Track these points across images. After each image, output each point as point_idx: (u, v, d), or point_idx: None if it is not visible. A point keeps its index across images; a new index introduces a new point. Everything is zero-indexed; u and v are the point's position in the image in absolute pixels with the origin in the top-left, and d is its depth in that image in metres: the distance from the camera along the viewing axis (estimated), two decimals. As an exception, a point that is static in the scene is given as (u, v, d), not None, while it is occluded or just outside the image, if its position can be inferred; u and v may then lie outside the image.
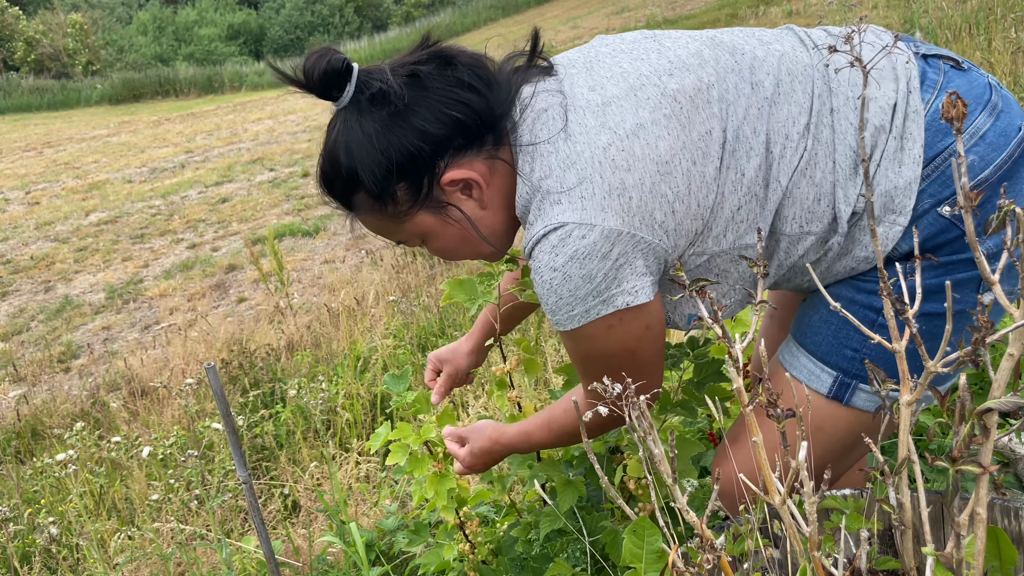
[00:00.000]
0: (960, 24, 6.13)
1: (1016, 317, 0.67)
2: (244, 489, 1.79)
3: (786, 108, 1.08)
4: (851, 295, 1.14)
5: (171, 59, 33.84)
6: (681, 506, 0.75)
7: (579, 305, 1.08)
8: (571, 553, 1.39)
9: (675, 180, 1.05)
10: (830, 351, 1.15)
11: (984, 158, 1.06)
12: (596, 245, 1.04)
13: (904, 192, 1.06)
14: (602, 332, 1.10)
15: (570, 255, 1.05)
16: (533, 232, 1.09)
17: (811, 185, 1.08)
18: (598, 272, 1.05)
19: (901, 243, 1.08)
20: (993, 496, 0.91)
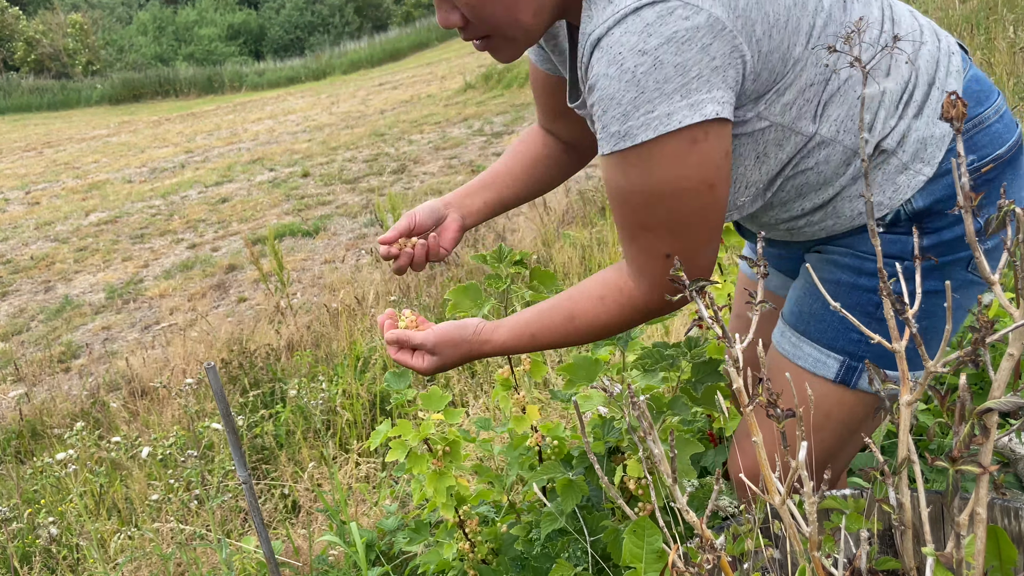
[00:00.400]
0: (960, 24, 6.13)
1: (1016, 317, 0.67)
2: (244, 489, 1.79)
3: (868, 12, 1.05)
4: (853, 280, 1.12)
5: (171, 59, 33.84)
6: (681, 506, 0.75)
7: (662, 104, 0.90)
8: (572, 553, 1.39)
9: (778, 5, 0.95)
10: (836, 337, 1.14)
11: (1001, 136, 1.07)
12: (699, 32, 0.89)
13: (937, 144, 1.05)
14: (684, 149, 0.93)
15: (667, 37, 0.88)
16: (615, 8, 0.91)
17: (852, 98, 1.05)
18: (694, 65, 0.89)
19: (916, 197, 1.06)
20: (993, 496, 0.91)
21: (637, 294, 1.07)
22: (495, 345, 1.16)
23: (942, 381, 1.58)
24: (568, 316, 1.11)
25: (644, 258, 1.03)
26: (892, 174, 1.06)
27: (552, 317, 1.12)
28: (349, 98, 17.76)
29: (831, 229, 1.12)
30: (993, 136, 1.07)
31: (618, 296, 1.08)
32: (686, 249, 1.01)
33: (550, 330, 1.13)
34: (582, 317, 1.11)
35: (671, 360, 1.45)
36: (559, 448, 1.53)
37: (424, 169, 9.63)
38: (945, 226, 1.07)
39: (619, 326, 1.10)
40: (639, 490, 1.39)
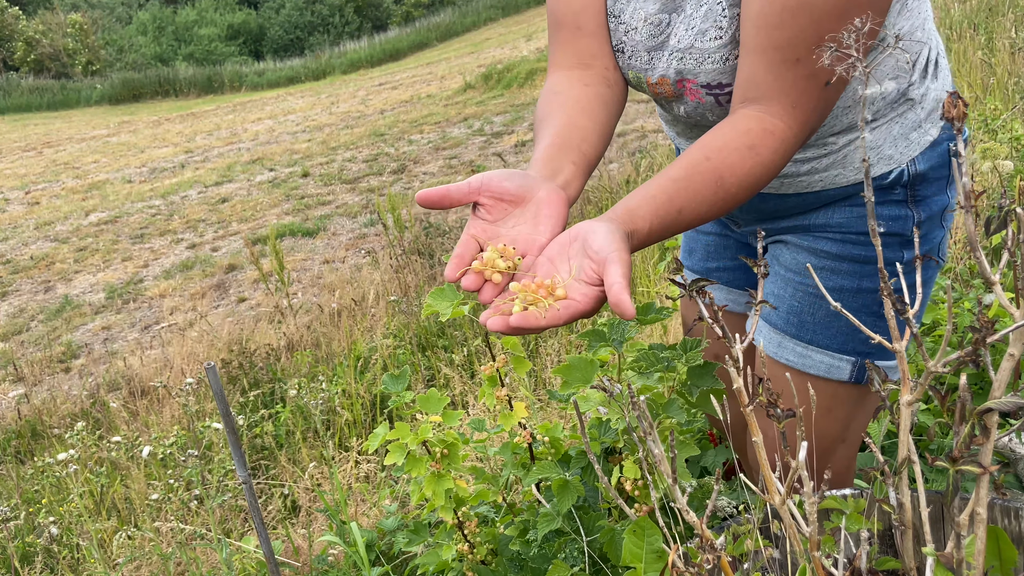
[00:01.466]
0: (961, 23, 6.14)
1: (1016, 317, 0.67)
2: (244, 489, 1.79)
3: None
4: (856, 284, 1.13)
5: (171, 59, 33.84)
6: (681, 506, 0.75)
7: None
8: (568, 553, 1.39)
9: None
10: (847, 340, 1.14)
11: None
12: None
13: (938, 104, 1.08)
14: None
15: None
16: None
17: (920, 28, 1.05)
18: None
19: (920, 158, 1.08)
20: (993, 496, 0.91)
21: (791, 133, 0.94)
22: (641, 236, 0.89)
23: (942, 381, 1.58)
24: (717, 178, 0.92)
25: (805, 84, 0.92)
26: (908, 129, 1.07)
27: (697, 184, 0.92)
28: (349, 98, 17.76)
29: (834, 180, 1.10)
30: None
31: (771, 141, 0.93)
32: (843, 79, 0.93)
33: (699, 200, 0.92)
34: (732, 175, 0.92)
35: (667, 362, 1.45)
36: (554, 447, 1.53)
37: (424, 169, 9.64)
38: (932, 194, 1.09)
39: (772, 174, 0.95)
40: (635, 491, 1.39)
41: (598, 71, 1.11)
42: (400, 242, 5.93)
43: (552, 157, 0.98)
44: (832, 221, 1.12)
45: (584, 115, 1.05)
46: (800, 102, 0.93)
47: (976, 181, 2.89)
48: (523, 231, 0.90)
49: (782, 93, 0.93)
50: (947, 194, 1.11)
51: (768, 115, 0.94)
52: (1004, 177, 2.66)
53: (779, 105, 0.94)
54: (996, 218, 0.68)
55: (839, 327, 1.14)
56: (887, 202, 1.08)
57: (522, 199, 0.91)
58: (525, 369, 1.52)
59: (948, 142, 1.08)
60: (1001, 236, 0.94)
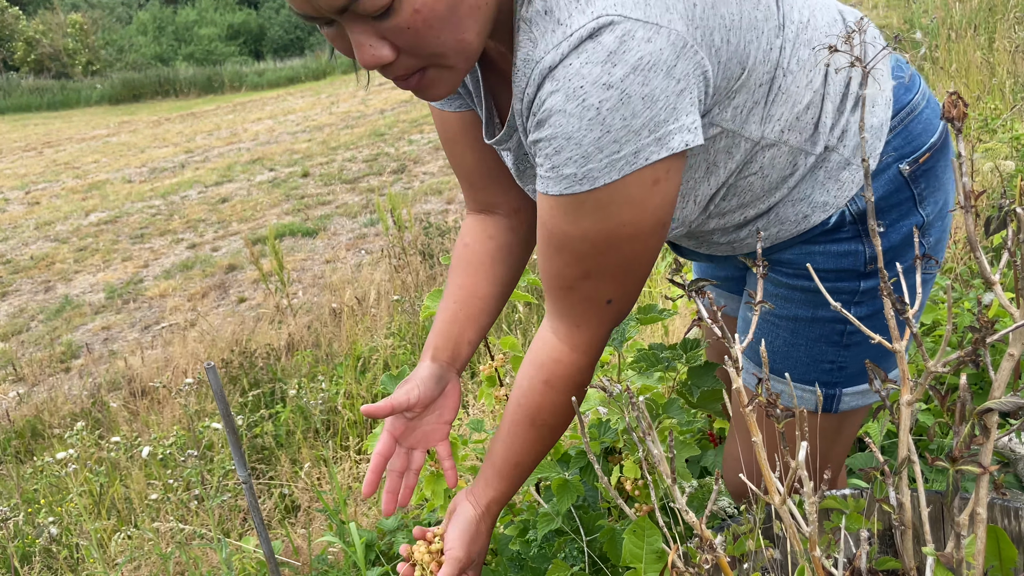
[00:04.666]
0: (961, 24, 6.13)
1: (1016, 317, 0.67)
2: (244, 489, 1.79)
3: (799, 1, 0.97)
4: (811, 313, 1.07)
5: (171, 59, 33.85)
6: (680, 506, 0.75)
7: (629, 144, 0.80)
8: (568, 553, 1.39)
9: (731, 6, 0.86)
10: (808, 370, 1.10)
11: (932, 121, 1.03)
12: (663, 54, 0.78)
13: (876, 133, 0.99)
14: (645, 191, 0.84)
15: (633, 65, 0.77)
16: (566, 30, 0.78)
17: (808, 88, 0.95)
18: (660, 94, 0.79)
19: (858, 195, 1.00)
20: (993, 496, 0.90)
21: (577, 356, 0.98)
22: (498, 501, 1.07)
23: (942, 381, 1.58)
24: (531, 421, 1.02)
25: (584, 308, 0.94)
26: (834, 171, 0.99)
27: (520, 434, 1.03)
28: (349, 98, 17.76)
29: (776, 237, 1.05)
30: (925, 123, 1.02)
31: (561, 371, 0.99)
32: (628, 292, 0.95)
33: (527, 446, 1.03)
34: (541, 414, 1.01)
35: (667, 362, 1.45)
36: (554, 447, 1.53)
37: (424, 169, 9.64)
38: (889, 223, 1.01)
39: (578, 398, 1.00)
40: (635, 491, 1.39)
41: (501, 217, 1.20)
42: (400, 242, 5.93)
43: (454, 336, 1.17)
44: (783, 258, 1.08)
45: (487, 280, 1.19)
46: (582, 322, 0.96)
47: (976, 181, 2.89)
48: (432, 423, 1.17)
49: (564, 315, 0.97)
50: (916, 215, 1.02)
51: (557, 339, 0.99)
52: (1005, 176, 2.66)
53: (564, 325, 0.97)
54: (996, 218, 0.68)
55: (798, 357, 1.10)
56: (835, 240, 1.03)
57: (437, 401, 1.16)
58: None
59: (896, 164, 1.00)
60: (1001, 236, 0.94)
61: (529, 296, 1.74)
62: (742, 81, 0.89)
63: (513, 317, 4.23)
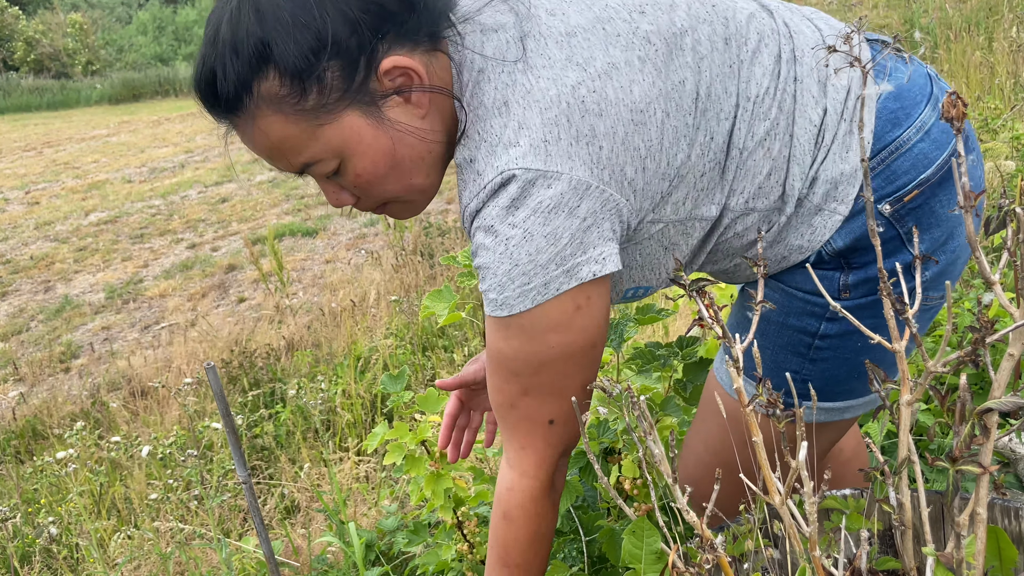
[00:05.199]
0: (960, 24, 6.13)
1: (1016, 317, 0.67)
2: (244, 489, 1.79)
3: (757, 70, 0.97)
4: (781, 319, 1.06)
5: (171, 59, 33.83)
6: (681, 506, 0.75)
7: (538, 276, 0.88)
8: (568, 553, 1.39)
9: (648, 132, 0.92)
10: (769, 373, 1.08)
11: (927, 156, 0.98)
12: (563, 197, 0.87)
13: (848, 180, 0.98)
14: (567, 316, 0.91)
15: (533, 208, 0.87)
16: (482, 181, 0.90)
17: (767, 158, 0.97)
18: (564, 232, 0.88)
19: (835, 237, 0.99)
20: (993, 496, 0.90)
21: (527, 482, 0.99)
22: None
23: (942, 381, 1.58)
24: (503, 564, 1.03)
25: (526, 429, 0.98)
26: (806, 217, 0.99)
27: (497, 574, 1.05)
28: (349, 98, 17.74)
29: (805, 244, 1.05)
30: (915, 159, 0.97)
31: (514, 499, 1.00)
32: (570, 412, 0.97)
33: None
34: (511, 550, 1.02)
35: (663, 360, 1.44)
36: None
37: (424, 169, 9.63)
38: (870, 261, 1.00)
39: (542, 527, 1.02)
40: (634, 490, 1.39)
41: None
42: (400, 242, 5.93)
43: None
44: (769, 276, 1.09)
45: None
46: (527, 443, 0.98)
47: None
48: None
49: (510, 438, 0.99)
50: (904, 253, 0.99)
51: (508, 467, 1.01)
52: (1005, 177, 2.66)
53: (512, 450, 1.00)
54: (996, 218, 0.68)
55: (763, 359, 1.08)
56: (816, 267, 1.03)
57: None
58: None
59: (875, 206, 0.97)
60: (1001, 236, 0.94)
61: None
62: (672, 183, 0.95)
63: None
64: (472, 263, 0.95)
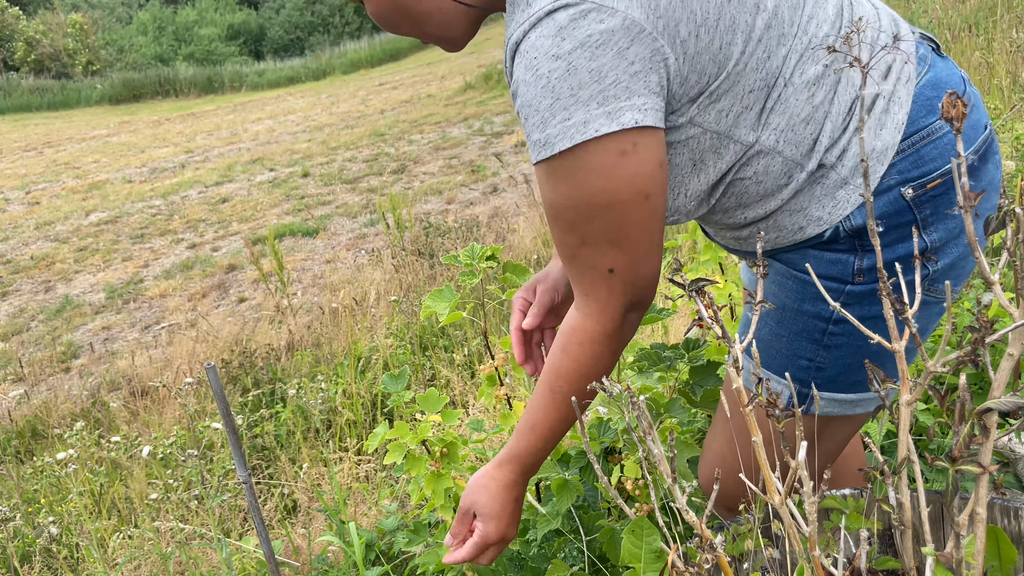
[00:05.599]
0: (960, 24, 6.14)
1: (1016, 317, 0.67)
2: (244, 489, 1.79)
3: (820, 13, 0.97)
4: (797, 305, 1.06)
5: (171, 59, 33.84)
6: (680, 506, 0.75)
7: (578, 111, 0.87)
8: (568, 553, 1.39)
9: (706, 3, 0.90)
10: (785, 364, 1.09)
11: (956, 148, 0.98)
12: (614, 36, 0.85)
13: (878, 157, 0.98)
14: (611, 162, 0.89)
15: (581, 40, 0.85)
16: (531, 10, 0.88)
17: (809, 103, 0.97)
18: (610, 71, 0.86)
19: (856, 213, 0.99)
20: (993, 496, 0.90)
21: (589, 324, 1.01)
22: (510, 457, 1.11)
23: (942, 381, 1.58)
24: (549, 388, 1.06)
25: (588, 278, 0.99)
26: (831, 188, 1.00)
27: (537, 399, 1.08)
28: (349, 98, 17.76)
29: (775, 242, 1.06)
30: (944, 148, 0.99)
31: (576, 337, 1.02)
32: (629, 262, 0.97)
33: (542, 410, 1.07)
34: (559, 380, 1.05)
35: (669, 362, 1.45)
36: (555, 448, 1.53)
37: (424, 169, 9.64)
38: (886, 244, 1.00)
39: (594, 367, 1.04)
40: (636, 490, 1.39)
41: None
42: (400, 242, 5.93)
43: None
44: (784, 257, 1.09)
45: None
46: (590, 291, 0.99)
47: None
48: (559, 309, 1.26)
49: (576, 284, 1.01)
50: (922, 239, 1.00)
51: (575, 309, 1.03)
52: (1005, 177, 2.66)
53: (578, 295, 1.02)
54: (995, 218, 0.68)
55: (780, 348, 1.09)
56: (831, 249, 1.03)
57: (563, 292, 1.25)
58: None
59: (899, 187, 0.98)
60: (1000, 236, 0.94)
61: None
62: (723, 83, 0.93)
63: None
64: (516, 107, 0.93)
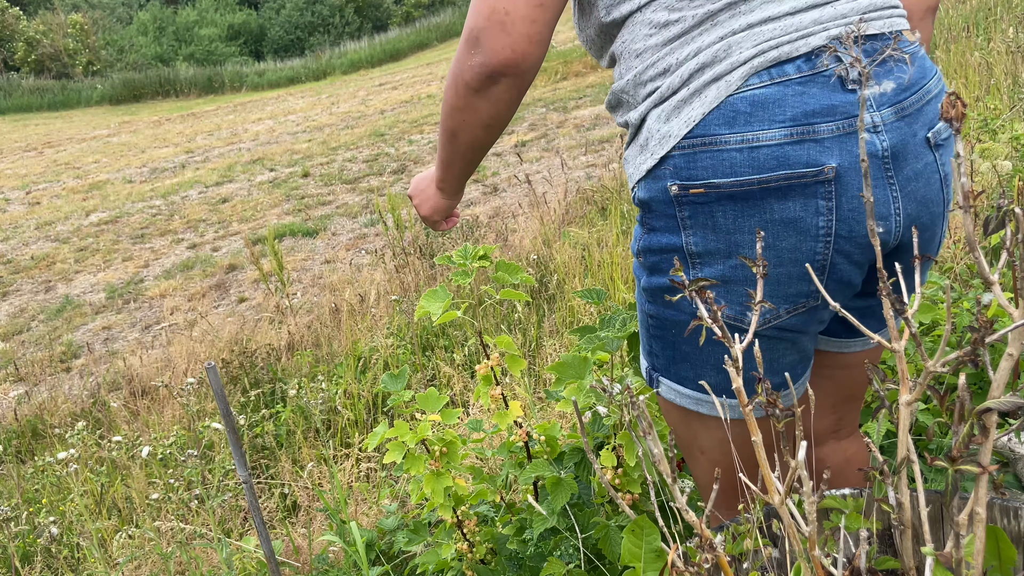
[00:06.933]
0: (959, 24, 6.14)
1: (1015, 317, 0.67)
2: (244, 488, 1.79)
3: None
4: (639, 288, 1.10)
5: (171, 59, 33.85)
6: (680, 506, 0.75)
7: None
8: (564, 551, 1.39)
9: None
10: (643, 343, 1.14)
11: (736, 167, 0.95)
12: None
13: (660, 141, 0.98)
14: None
15: None
16: None
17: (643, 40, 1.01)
18: None
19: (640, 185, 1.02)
20: (992, 496, 0.91)
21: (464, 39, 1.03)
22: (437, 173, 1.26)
23: (941, 381, 1.58)
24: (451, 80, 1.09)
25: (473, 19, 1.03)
26: (635, 151, 1.03)
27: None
28: (349, 98, 17.76)
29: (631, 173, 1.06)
30: (719, 162, 0.95)
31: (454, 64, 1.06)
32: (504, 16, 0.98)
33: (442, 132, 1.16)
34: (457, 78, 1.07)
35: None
36: (550, 446, 1.53)
37: (424, 169, 9.64)
38: (658, 228, 1.01)
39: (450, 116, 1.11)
40: (615, 479, 1.40)
41: None
42: (400, 242, 5.93)
43: None
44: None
45: None
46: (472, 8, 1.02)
47: (975, 181, 2.89)
48: None
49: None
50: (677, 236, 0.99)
51: None
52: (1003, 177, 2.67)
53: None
54: (994, 218, 0.68)
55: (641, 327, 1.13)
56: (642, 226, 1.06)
57: None
58: (520, 367, 1.52)
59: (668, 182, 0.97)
60: (1000, 236, 0.95)
61: (527, 296, 1.75)
62: None
63: (512, 317, 4.23)
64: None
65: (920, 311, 1.79)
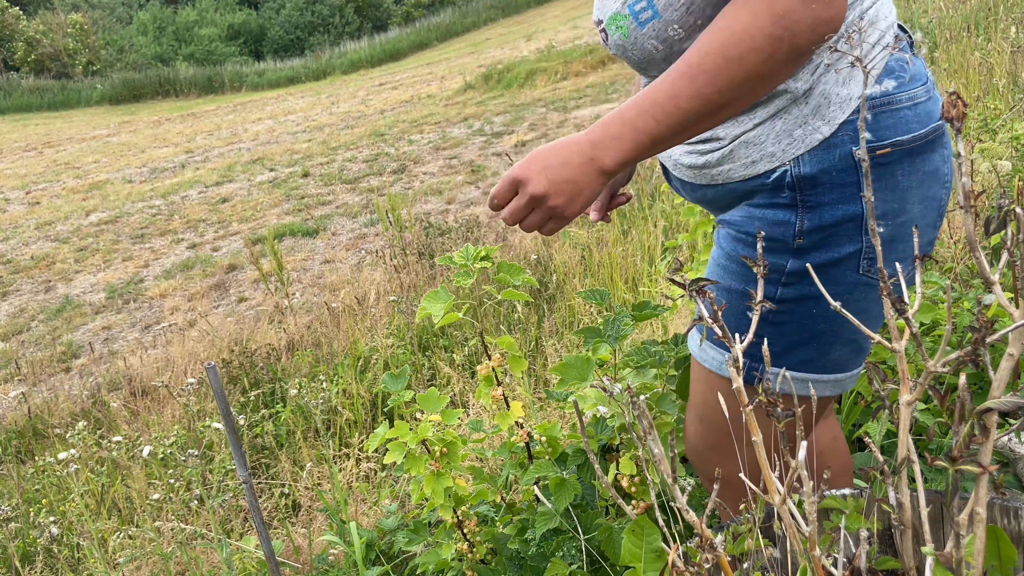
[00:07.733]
0: (959, 24, 6.14)
1: (1016, 317, 0.67)
2: (244, 488, 1.79)
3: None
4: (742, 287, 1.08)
5: (171, 59, 33.85)
6: (680, 505, 0.75)
7: None
8: (567, 551, 1.39)
9: None
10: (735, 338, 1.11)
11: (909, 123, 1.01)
12: None
13: (839, 105, 0.99)
14: None
15: None
16: None
17: None
18: None
19: (806, 158, 1.00)
20: (993, 496, 0.91)
21: None
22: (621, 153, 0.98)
23: (942, 381, 1.58)
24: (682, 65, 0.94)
25: None
26: (792, 125, 1.00)
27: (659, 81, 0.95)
28: (349, 98, 17.77)
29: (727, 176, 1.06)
30: (899, 120, 1.00)
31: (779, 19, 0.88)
32: None
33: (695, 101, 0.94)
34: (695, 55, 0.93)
35: (659, 357, 1.45)
36: (551, 446, 1.53)
37: (424, 169, 9.64)
38: (827, 203, 1.00)
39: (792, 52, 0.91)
40: (632, 487, 1.40)
41: None
42: (400, 242, 5.93)
43: None
44: (733, 219, 1.08)
45: None
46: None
47: (975, 181, 2.89)
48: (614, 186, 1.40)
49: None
50: (856, 204, 1.00)
51: None
52: (1003, 177, 2.67)
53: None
54: (995, 218, 0.68)
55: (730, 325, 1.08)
56: (773, 205, 1.03)
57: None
58: (521, 368, 1.52)
59: (853, 146, 0.99)
60: (1000, 236, 0.95)
61: (527, 296, 1.75)
62: None
63: (512, 317, 4.23)
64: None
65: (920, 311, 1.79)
